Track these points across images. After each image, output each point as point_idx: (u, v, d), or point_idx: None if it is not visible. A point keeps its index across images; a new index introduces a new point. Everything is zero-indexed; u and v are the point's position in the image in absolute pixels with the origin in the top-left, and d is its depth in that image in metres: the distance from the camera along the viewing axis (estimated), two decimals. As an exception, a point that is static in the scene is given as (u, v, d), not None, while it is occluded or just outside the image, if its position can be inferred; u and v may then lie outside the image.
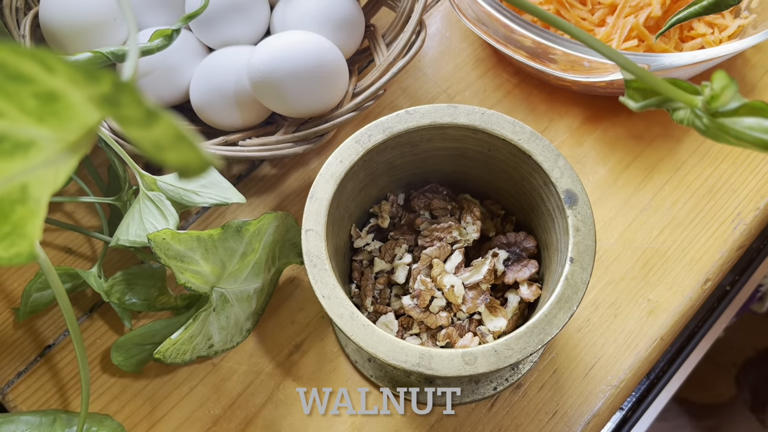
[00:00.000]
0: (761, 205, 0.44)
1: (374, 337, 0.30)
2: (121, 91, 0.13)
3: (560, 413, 0.38)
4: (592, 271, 0.31)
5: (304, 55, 0.38)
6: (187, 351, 0.35)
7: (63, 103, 0.14)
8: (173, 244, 0.31)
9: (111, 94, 0.13)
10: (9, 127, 0.13)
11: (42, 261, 0.29)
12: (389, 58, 0.41)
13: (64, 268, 0.38)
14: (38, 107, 0.13)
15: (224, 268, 0.34)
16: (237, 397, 0.39)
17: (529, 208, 0.37)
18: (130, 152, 0.39)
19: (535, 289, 0.35)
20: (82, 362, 0.31)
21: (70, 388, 0.39)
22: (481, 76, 0.48)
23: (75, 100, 0.14)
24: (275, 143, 0.40)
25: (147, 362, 0.38)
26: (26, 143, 0.14)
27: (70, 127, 0.14)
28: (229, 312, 0.36)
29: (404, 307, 0.36)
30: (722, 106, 0.20)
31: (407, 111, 0.34)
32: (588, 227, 0.32)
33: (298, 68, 0.38)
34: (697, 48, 0.44)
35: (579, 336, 0.40)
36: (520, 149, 0.33)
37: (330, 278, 0.31)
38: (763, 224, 0.44)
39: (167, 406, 0.39)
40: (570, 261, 0.31)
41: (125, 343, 0.37)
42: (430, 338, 0.36)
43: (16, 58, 0.13)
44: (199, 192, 0.35)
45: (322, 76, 0.39)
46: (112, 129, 0.40)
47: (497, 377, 0.39)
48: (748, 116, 0.19)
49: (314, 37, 0.39)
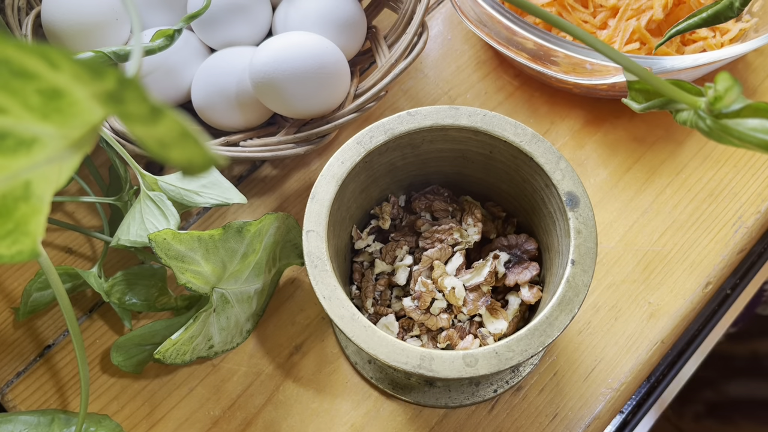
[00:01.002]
0: (762, 209, 0.44)
1: (375, 338, 0.30)
2: (125, 88, 0.13)
3: (560, 416, 0.38)
4: (593, 273, 0.31)
5: (306, 56, 0.38)
6: (187, 352, 0.34)
7: (67, 99, 0.14)
8: (174, 244, 0.31)
9: (115, 90, 0.13)
10: (12, 124, 0.13)
11: (42, 260, 0.29)
12: (391, 59, 0.41)
13: (65, 267, 0.38)
14: (42, 104, 0.13)
15: (225, 269, 0.34)
16: (237, 398, 0.39)
17: (530, 210, 0.36)
18: (132, 152, 0.39)
19: (536, 291, 0.35)
20: (81, 362, 0.30)
21: (70, 389, 0.39)
22: (483, 78, 0.48)
23: (79, 96, 0.14)
24: (276, 144, 0.40)
25: (147, 363, 0.38)
26: (30, 140, 0.14)
27: (74, 123, 0.14)
28: (230, 313, 0.36)
29: (405, 309, 0.36)
30: (725, 108, 0.20)
31: (409, 112, 0.34)
32: (589, 230, 0.32)
33: (299, 69, 0.38)
34: (698, 51, 0.44)
35: (579, 339, 0.40)
36: (521, 151, 0.33)
37: (331, 279, 0.31)
38: (765, 227, 0.44)
39: (167, 406, 0.39)
40: (571, 263, 0.31)
41: (125, 344, 0.37)
42: (431, 340, 0.36)
43: (20, 54, 0.13)
44: (201, 192, 0.35)
45: (323, 77, 0.39)
46: (113, 129, 0.40)
47: (497, 379, 0.39)
48: (752, 118, 0.19)
49: (316, 38, 0.39)
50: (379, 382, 0.39)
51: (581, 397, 0.39)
